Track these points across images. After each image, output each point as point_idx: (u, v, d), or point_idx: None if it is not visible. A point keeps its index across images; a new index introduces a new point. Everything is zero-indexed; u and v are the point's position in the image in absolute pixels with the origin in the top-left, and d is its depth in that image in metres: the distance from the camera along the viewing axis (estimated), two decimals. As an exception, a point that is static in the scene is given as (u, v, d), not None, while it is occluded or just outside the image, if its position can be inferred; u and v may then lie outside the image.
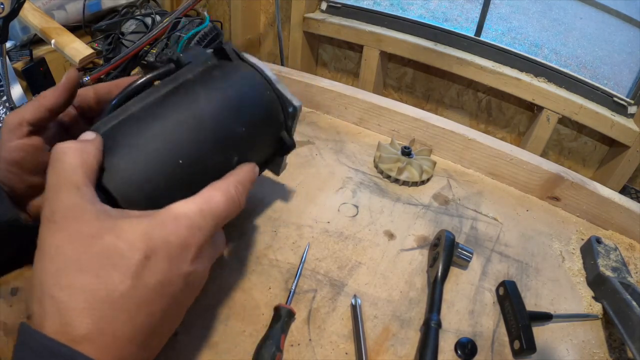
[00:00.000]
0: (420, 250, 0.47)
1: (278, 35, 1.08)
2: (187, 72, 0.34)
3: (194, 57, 0.35)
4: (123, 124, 0.29)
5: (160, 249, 0.23)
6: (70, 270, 0.21)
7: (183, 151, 0.29)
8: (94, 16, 0.82)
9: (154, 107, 0.30)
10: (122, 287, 0.21)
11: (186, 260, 0.24)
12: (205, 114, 0.31)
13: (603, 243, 0.49)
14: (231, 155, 0.32)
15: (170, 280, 0.23)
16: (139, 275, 0.22)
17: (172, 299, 0.24)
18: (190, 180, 0.29)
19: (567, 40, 1.94)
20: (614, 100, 0.90)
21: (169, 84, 0.32)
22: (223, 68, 0.35)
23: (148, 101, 0.31)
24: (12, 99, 0.54)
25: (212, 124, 0.31)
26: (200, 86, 0.33)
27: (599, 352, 0.39)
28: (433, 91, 1.11)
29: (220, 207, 0.27)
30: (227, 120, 0.32)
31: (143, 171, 0.27)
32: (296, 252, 0.44)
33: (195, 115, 0.30)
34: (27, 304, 0.22)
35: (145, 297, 0.22)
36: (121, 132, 0.28)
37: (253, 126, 0.35)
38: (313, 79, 0.69)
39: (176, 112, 0.30)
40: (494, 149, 0.58)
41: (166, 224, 0.24)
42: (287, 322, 0.36)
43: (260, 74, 0.36)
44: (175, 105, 0.30)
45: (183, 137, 0.29)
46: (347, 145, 0.62)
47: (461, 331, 0.39)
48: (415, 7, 1.69)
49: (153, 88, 0.32)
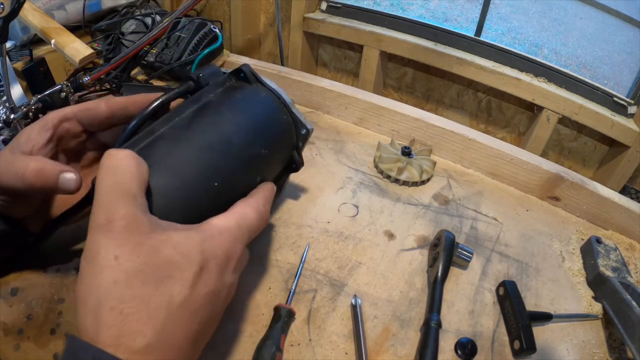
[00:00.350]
0: (420, 250, 0.47)
1: (278, 35, 1.08)
2: (209, 93, 0.35)
3: (210, 76, 0.36)
4: (155, 145, 0.29)
5: (212, 261, 0.24)
6: (133, 282, 0.21)
7: (218, 174, 0.31)
8: (94, 16, 0.82)
9: (184, 129, 0.31)
10: (180, 297, 0.22)
11: (229, 271, 0.26)
12: (233, 137, 0.32)
13: (603, 243, 0.49)
14: (256, 175, 0.35)
15: (218, 289, 0.25)
16: (194, 285, 0.23)
17: (217, 306, 0.25)
18: (222, 199, 0.31)
19: (567, 40, 1.94)
20: (614, 100, 0.90)
21: (193, 104, 0.33)
22: (243, 90, 0.37)
23: (176, 123, 0.31)
24: (12, 99, 0.54)
25: (240, 147, 0.33)
26: (226, 109, 0.34)
27: (599, 352, 0.39)
28: (433, 91, 1.11)
29: (253, 223, 0.29)
30: (252, 144, 0.34)
31: (182, 192, 0.29)
32: (296, 252, 0.44)
33: (225, 139, 0.32)
34: (77, 317, 0.21)
35: (199, 306, 0.23)
36: (155, 153, 0.29)
37: (273, 148, 0.37)
38: (313, 79, 0.69)
39: (207, 135, 0.31)
40: (494, 149, 0.58)
41: (215, 237, 0.25)
42: (287, 322, 0.36)
43: (278, 97, 0.38)
44: (205, 128, 0.31)
45: (217, 161, 0.31)
46: (347, 145, 0.62)
47: (461, 331, 0.39)
48: (415, 7, 1.69)
49: (177, 108, 0.33)
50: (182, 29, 0.73)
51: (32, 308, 0.35)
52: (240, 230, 0.27)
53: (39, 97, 0.54)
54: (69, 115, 0.32)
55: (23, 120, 0.53)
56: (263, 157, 0.35)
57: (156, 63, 0.71)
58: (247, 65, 0.38)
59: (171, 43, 0.72)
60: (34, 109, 0.53)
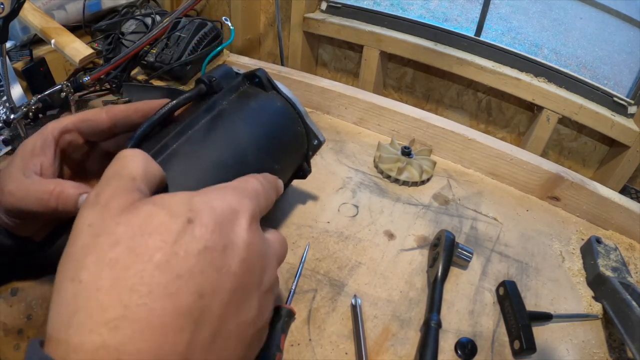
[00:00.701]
0: (420, 250, 0.47)
1: (278, 35, 1.08)
2: (222, 99, 0.33)
3: (223, 78, 0.35)
4: (170, 162, 0.28)
5: (205, 212, 0.19)
6: (98, 245, 0.17)
7: None
8: (94, 16, 0.82)
9: (199, 145, 0.29)
10: (158, 255, 0.17)
11: (239, 225, 0.20)
12: (249, 154, 0.32)
13: (603, 243, 0.49)
14: None
15: (223, 246, 0.19)
16: (179, 241, 0.18)
17: (229, 276, 0.19)
18: None
19: (567, 40, 1.94)
20: (614, 100, 0.90)
21: (206, 114, 0.32)
22: (258, 99, 0.35)
23: (190, 137, 0.29)
24: (12, 99, 0.54)
25: (255, 166, 0.32)
26: (241, 121, 0.33)
27: (599, 352, 0.39)
28: (433, 91, 1.11)
29: (257, 187, 0.24)
30: (266, 160, 0.34)
31: None
32: (296, 252, 0.44)
33: (240, 158, 0.31)
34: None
35: (189, 268, 0.17)
36: (170, 174, 0.27)
37: (285, 162, 0.37)
38: (313, 79, 0.69)
39: (223, 153, 0.30)
40: (494, 149, 0.58)
41: (208, 192, 0.21)
42: (287, 322, 0.36)
43: (292, 107, 0.37)
44: (220, 144, 0.30)
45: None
46: (347, 145, 0.62)
47: (461, 331, 0.39)
48: (415, 7, 1.69)
49: (191, 118, 0.31)
50: (182, 29, 0.73)
51: (32, 308, 0.35)
52: (243, 186, 0.23)
53: (39, 97, 0.54)
54: (69, 127, 0.30)
55: (23, 120, 0.53)
56: (275, 172, 0.35)
57: (156, 63, 0.71)
58: (263, 71, 0.36)
59: (171, 43, 0.72)
60: (34, 109, 0.53)
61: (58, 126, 0.29)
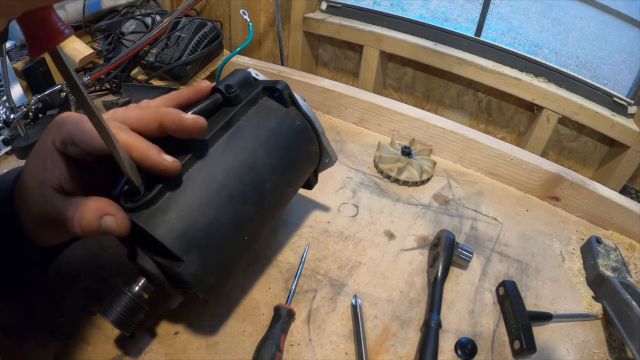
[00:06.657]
0: (420, 250, 0.47)
1: (278, 35, 1.09)
2: (240, 114, 0.33)
3: (240, 86, 0.34)
4: (185, 191, 0.28)
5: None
6: None
7: (249, 228, 0.31)
8: (94, 16, 0.82)
9: (215, 171, 0.30)
10: None
11: None
12: (266, 181, 0.32)
13: (603, 243, 0.49)
14: (279, 215, 0.36)
15: None
16: None
17: None
18: (251, 251, 0.33)
19: (567, 40, 1.94)
20: (614, 100, 0.90)
21: (223, 131, 0.31)
22: (277, 117, 0.35)
23: (205, 163, 0.29)
24: (12, 99, 0.54)
25: (271, 197, 0.33)
26: (259, 145, 0.32)
27: (599, 352, 0.39)
28: (433, 91, 1.11)
29: None
30: (282, 185, 0.34)
31: (217, 251, 0.29)
32: (296, 252, 0.44)
33: (257, 189, 0.32)
34: None
35: None
36: (185, 202, 0.28)
37: (297, 185, 0.38)
38: (313, 79, 0.69)
39: (240, 183, 0.31)
40: (494, 149, 0.58)
41: None
42: (287, 322, 0.36)
43: (311, 125, 0.37)
44: (237, 172, 0.31)
45: (250, 216, 0.31)
46: (347, 145, 0.62)
47: (461, 331, 0.39)
48: (415, 7, 1.69)
49: (209, 136, 0.30)
50: (182, 28, 0.73)
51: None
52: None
53: (39, 97, 0.54)
54: (70, 140, 0.28)
55: (23, 120, 0.53)
56: (288, 195, 0.36)
57: (156, 63, 0.71)
58: (284, 84, 0.35)
59: (171, 43, 0.72)
60: (34, 109, 0.54)
61: (59, 136, 0.28)
